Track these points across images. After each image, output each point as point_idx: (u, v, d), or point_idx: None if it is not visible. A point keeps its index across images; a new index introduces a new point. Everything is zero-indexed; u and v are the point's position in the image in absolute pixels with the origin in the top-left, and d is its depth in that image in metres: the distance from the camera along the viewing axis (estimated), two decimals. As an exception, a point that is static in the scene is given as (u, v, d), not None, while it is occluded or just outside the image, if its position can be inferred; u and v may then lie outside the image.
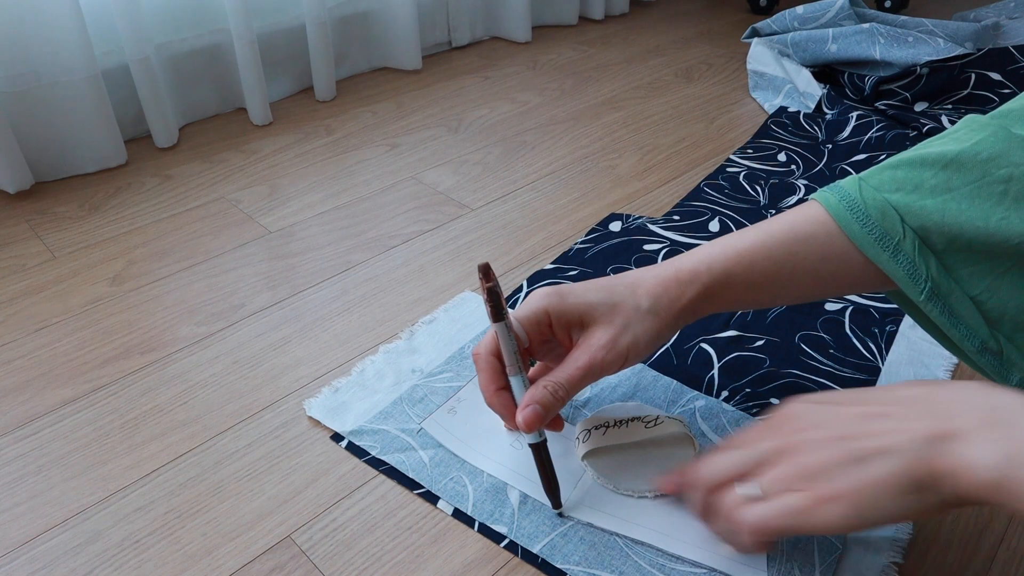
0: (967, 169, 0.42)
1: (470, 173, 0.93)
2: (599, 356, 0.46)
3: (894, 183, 0.44)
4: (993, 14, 1.25)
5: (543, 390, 0.46)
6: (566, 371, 0.46)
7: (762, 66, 1.15)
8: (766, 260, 0.47)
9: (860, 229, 0.44)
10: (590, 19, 1.50)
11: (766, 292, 0.49)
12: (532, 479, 0.51)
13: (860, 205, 0.45)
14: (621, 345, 0.46)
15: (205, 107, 1.07)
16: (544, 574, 0.46)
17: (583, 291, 0.48)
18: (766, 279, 0.48)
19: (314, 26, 1.08)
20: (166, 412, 0.58)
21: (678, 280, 0.48)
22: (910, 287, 0.44)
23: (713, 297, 0.48)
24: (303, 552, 0.47)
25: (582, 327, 0.47)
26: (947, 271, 0.43)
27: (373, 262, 0.76)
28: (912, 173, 0.44)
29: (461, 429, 0.55)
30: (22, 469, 0.53)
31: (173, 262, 0.76)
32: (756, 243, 0.48)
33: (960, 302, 0.43)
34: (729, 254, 0.48)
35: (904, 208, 0.43)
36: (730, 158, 0.95)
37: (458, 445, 0.54)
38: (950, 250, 0.43)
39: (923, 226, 0.43)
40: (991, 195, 0.41)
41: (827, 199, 0.46)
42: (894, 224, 0.44)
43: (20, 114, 0.86)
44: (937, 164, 0.43)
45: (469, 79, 1.21)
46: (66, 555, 0.47)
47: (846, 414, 0.40)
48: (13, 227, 0.82)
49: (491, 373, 0.48)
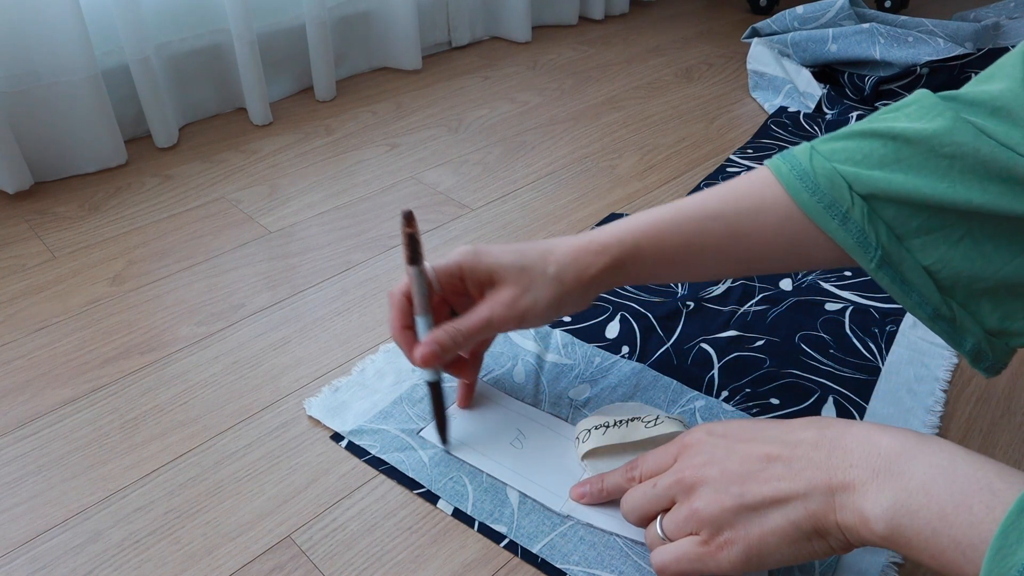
0: (913, 144, 0.42)
1: (470, 173, 0.93)
2: (497, 312, 0.49)
3: (844, 153, 0.45)
4: (993, 14, 1.25)
5: (443, 332, 0.49)
6: (467, 320, 0.49)
7: (762, 66, 1.15)
8: (676, 235, 0.49)
9: (809, 198, 0.45)
10: (590, 19, 1.50)
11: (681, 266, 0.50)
12: (532, 479, 0.51)
13: (810, 173, 0.45)
14: (520, 305, 0.49)
15: (205, 107, 1.07)
16: (544, 574, 0.46)
17: (498, 252, 0.50)
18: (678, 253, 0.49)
19: (314, 26, 1.08)
20: (166, 412, 0.58)
21: (588, 250, 0.49)
22: (860, 255, 0.44)
23: (624, 268, 0.50)
24: (303, 552, 0.47)
25: (491, 285, 0.50)
26: (899, 240, 0.43)
27: (373, 262, 0.76)
28: (862, 144, 0.44)
29: (460, 432, 0.55)
30: (22, 469, 0.53)
31: (173, 262, 0.76)
32: (669, 217, 0.49)
33: (912, 270, 0.43)
34: (643, 227, 0.49)
35: (852, 177, 0.44)
36: (730, 158, 0.95)
37: (459, 448, 0.54)
38: (899, 218, 0.43)
39: (872, 194, 0.43)
40: (937, 168, 0.41)
41: (778, 167, 0.47)
42: (842, 193, 0.44)
43: (20, 114, 0.86)
44: (886, 136, 0.43)
45: (469, 79, 1.21)
46: (66, 555, 0.47)
47: (744, 453, 0.40)
48: (13, 227, 0.82)
49: (400, 311, 0.51)
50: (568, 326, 0.66)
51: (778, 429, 0.41)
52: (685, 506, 0.41)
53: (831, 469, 0.37)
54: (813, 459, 0.38)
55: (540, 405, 0.57)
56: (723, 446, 0.41)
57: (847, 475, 0.36)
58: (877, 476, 0.35)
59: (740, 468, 0.39)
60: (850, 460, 0.36)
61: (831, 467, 0.37)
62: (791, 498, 0.37)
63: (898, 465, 0.35)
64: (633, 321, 0.66)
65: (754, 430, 0.41)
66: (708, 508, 0.39)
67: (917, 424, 0.56)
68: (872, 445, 0.36)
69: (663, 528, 0.42)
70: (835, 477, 0.36)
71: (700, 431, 0.43)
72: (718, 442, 0.42)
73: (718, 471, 0.40)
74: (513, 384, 0.59)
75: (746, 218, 0.47)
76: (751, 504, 0.38)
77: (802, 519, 0.37)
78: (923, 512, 0.33)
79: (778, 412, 0.57)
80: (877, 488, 0.35)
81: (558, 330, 0.65)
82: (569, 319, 0.66)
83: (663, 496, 0.42)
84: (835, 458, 0.37)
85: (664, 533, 0.42)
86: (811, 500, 0.37)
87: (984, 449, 0.55)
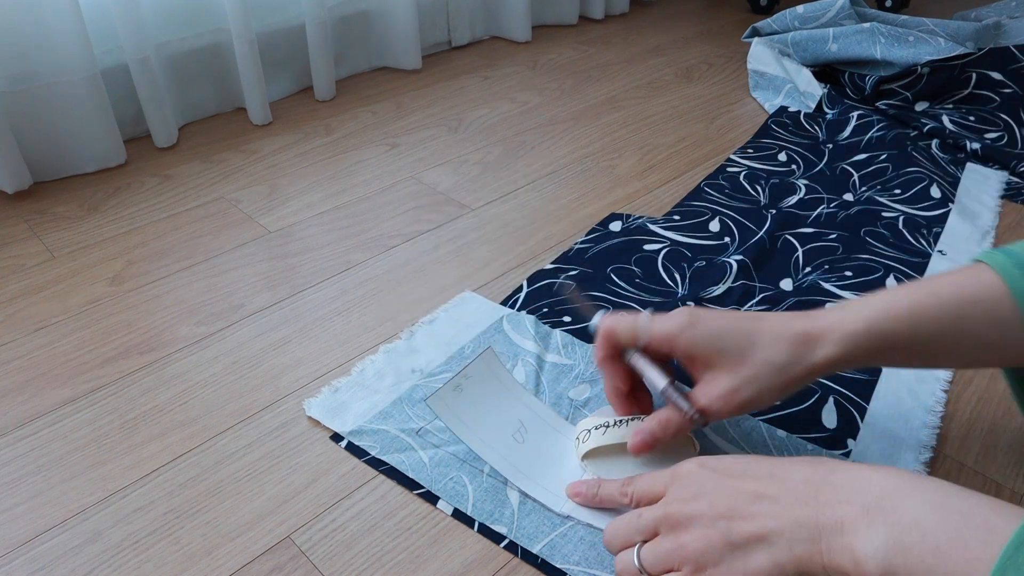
0: None
1: (470, 173, 0.93)
2: (714, 405, 0.46)
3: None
4: (994, 13, 1.25)
5: (657, 425, 0.48)
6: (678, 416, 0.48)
7: (762, 66, 1.15)
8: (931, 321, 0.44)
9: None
10: (590, 19, 1.50)
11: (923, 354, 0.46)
12: (532, 477, 0.51)
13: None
14: (738, 399, 0.46)
15: (205, 107, 1.07)
16: (544, 574, 0.46)
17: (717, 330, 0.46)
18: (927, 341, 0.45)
19: (314, 26, 1.08)
20: (166, 412, 0.58)
21: (822, 338, 0.45)
22: None
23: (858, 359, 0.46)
24: (303, 552, 0.47)
25: (708, 366, 0.47)
26: None
27: (373, 262, 0.76)
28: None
29: (467, 412, 0.54)
30: (22, 469, 0.53)
31: (172, 262, 0.76)
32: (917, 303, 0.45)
33: None
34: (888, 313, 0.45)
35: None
36: (730, 158, 0.95)
37: (462, 429, 0.53)
38: None
39: None
40: None
41: (996, 260, 0.44)
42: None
43: (19, 114, 0.86)
44: None
45: (469, 79, 1.21)
46: (66, 555, 0.47)
47: (732, 489, 0.39)
48: (12, 227, 0.82)
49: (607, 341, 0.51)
50: (568, 326, 0.65)
51: (770, 465, 0.40)
52: (670, 539, 0.40)
53: (820, 506, 0.36)
54: (802, 496, 0.37)
55: (540, 405, 0.57)
56: (713, 481, 0.40)
57: (836, 512, 0.35)
58: (868, 514, 0.34)
59: (728, 504, 0.39)
60: (840, 497, 0.36)
61: (820, 504, 0.36)
62: (777, 536, 0.36)
63: (889, 502, 0.34)
64: (633, 321, 0.66)
65: (746, 465, 0.41)
66: (694, 543, 0.38)
67: (918, 424, 0.56)
68: (863, 482, 0.36)
69: (640, 558, 0.41)
70: (823, 515, 0.36)
71: (693, 463, 0.43)
72: (709, 476, 0.41)
73: (706, 505, 0.39)
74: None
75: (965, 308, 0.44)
76: (737, 541, 0.37)
77: (785, 561, 0.36)
78: (917, 549, 0.32)
79: (778, 412, 0.57)
80: (867, 526, 0.34)
81: (558, 330, 0.65)
82: (569, 319, 0.66)
83: (647, 528, 0.42)
84: (824, 495, 0.36)
85: (641, 563, 0.41)
86: (797, 541, 0.36)
87: (984, 449, 0.55)
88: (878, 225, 0.80)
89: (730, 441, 0.54)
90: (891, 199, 0.84)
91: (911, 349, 0.45)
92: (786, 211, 0.82)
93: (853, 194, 0.86)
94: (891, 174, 0.89)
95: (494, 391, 0.56)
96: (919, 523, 0.33)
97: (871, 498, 0.35)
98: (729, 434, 0.55)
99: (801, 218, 0.81)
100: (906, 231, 0.79)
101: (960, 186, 0.87)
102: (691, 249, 0.76)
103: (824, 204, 0.84)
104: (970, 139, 0.95)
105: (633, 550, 0.41)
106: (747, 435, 0.55)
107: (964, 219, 0.81)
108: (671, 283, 0.71)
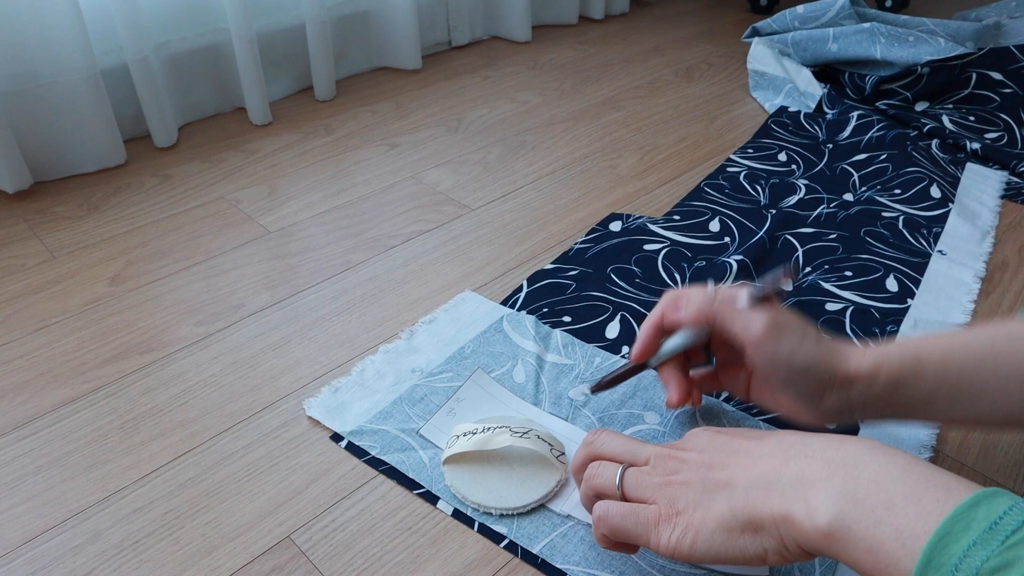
0: None
1: (470, 173, 0.93)
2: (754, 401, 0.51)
3: None
4: (994, 13, 1.25)
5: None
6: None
7: (762, 66, 1.15)
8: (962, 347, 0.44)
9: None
10: (590, 19, 1.50)
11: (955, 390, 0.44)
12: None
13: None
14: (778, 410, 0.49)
15: (204, 107, 1.07)
16: (544, 574, 0.46)
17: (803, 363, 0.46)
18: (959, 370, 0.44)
19: (314, 26, 1.08)
20: (165, 412, 0.58)
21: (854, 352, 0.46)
22: None
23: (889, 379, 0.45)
24: (303, 552, 0.47)
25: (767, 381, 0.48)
26: None
27: (373, 262, 0.76)
28: None
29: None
30: (21, 469, 0.53)
31: (172, 262, 0.76)
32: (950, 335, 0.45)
33: None
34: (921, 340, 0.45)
35: None
36: (730, 158, 0.95)
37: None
38: None
39: None
40: None
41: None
42: None
43: (19, 114, 0.86)
44: None
45: (469, 79, 1.21)
46: (65, 555, 0.47)
47: (723, 443, 0.41)
48: (12, 227, 0.82)
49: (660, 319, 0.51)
50: (568, 326, 0.65)
51: (765, 431, 0.41)
52: (658, 474, 0.41)
53: (788, 459, 0.37)
54: (775, 451, 0.38)
55: (540, 405, 0.57)
56: (709, 436, 0.42)
57: (799, 465, 0.36)
58: (829, 466, 0.35)
59: (713, 455, 0.40)
60: (807, 451, 0.36)
61: (788, 457, 0.37)
62: (739, 484, 0.37)
63: (853, 459, 0.35)
64: (633, 321, 0.66)
65: (751, 431, 0.42)
66: (677, 483, 0.40)
67: (917, 424, 0.56)
68: (835, 442, 0.36)
69: (623, 478, 0.42)
70: (787, 467, 0.36)
71: (702, 430, 0.44)
72: (711, 435, 0.43)
73: (697, 453, 0.41)
74: (513, 384, 0.59)
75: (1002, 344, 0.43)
76: (709, 486, 0.39)
77: (739, 505, 0.37)
78: (870, 501, 0.32)
79: (777, 413, 0.57)
80: (827, 478, 0.34)
81: (558, 330, 0.65)
82: (569, 319, 0.66)
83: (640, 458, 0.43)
84: (794, 450, 0.37)
85: (622, 482, 0.42)
86: (753, 488, 0.37)
87: (984, 448, 0.55)
88: (878, 225, 0.80)
89: (730, 441, 0.54)
90: (891, 199, 0.84)
91: (944, 379, 0.44)
92: (786, 211, 0.82)
93: (853, 194, 0.86)
94: (891, 174, 0.89)
95: (490, 409, 0.56)
96: (878, 478, 0.33)
97: (837, 455, 0.35)
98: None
99: (801, 218, 0.81)
100: (906, 231, 0.79)
101: (960, 186, 0.87)
102: (691, 249, 0.76)
103: (824, 204, 0.84)
104: (970, 139, 0.95)
105: (618, 467, 0.43)
106: (747, 435, 0.55)
107: (964, 219, 0.81)
108: (671, 283, 0.71)
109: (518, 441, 0.50)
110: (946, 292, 0.71)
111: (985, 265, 0.75)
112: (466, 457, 0.51)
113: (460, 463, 0.51)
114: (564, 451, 0.52)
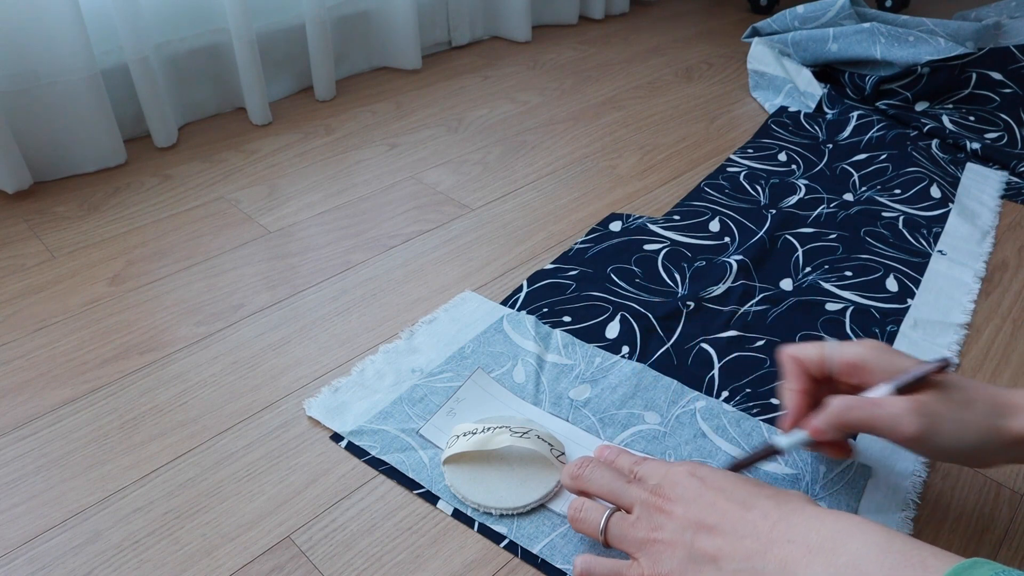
0: None
1: (470, 173, 0.93)
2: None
3: None
4: (994, 13, 1.25)
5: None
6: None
7: (762, 66, 1.15)
8: None
9: None
10: (590, 19, 1.50)
11: None
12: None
13: None
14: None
15: (204, 107, 1.07)
16: (544, 574, 0.46)
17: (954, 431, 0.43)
18: None
19: (314, 26, 1.07)
20: (165, 412, 0.58)
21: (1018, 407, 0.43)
22: None
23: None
24: (303, 552, 0.47)
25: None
26: None
27: (373, 262, 0.76)
28: None
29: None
30: (21, 469, 0.53)
31: (172, 262, 0.76)
32: None
33: None
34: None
35: None
36: (730, 158, 0.95)
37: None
38: None
39: None
40: None
41: None
42: None
43: (19, 114, 0.86)
44: None
45: (469, 79, 1.21)
46: (65, 555, 0.47)
47: (709, 502, 0.41)
48: (12, 227, 0.82)
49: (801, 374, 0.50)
50: (568, 326, 0.65)
51: (746, 492, 0.41)
52: (643, 527, 0.41)
53: (770, 542, 0.37)
54: (759, 528, 0.38)
55: (540, 405, 0.57)
56: (696, 489, 0.42)
57: (783, 550, 0.37)
58: (810, 552, 0.36)
59: (700, 516, 0.40)
60: (790, 535, 0.37)
61: (771, 540, 0.37)
62: (727, 561, 0.38)
63: (832, 543, 0.35)
64: (633, 321, 0.66)
65: (729, 483, 0.42)
66: (661, 544, 0.40)
67: None
68: (816, 522, 0.37)
69: (607, 524, 0.43)
70: (771, 551, 0.37)
71: (684, 468, 0.43)
72: (696, 485, 0.42)
73: (683, 510, 0.41)
74: (513, 384, 0.59)
75: None
76: (695, 555, 0.39)
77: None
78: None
79: (778, 413, 0.57)
80: (807, 564, 0.35)
81: (558, 330, 0.65)
82: (569, 319, 0.66)
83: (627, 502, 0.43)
84: (777, 531, 0.38)
85: (607, 529, 0.43)
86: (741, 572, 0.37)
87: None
88: (878, 225, 0.80)
89: (730, 441, 0.54)
90: (891, 199, 0.84)
91: None
92: (786, 211, 0.82)
93: (853, 194, 0.86)
94: (891, 174, 0.89)
95: (491, 408, 0.57)
96: (857, 562, 0.34)
97: (818, 538, 0.36)
98: (729, 434, 0.55)
99: (801, 218, 0.81)
100: (906, 231, 0.79)
101: (960, 186, 0.87)
102: (691, 249, 0.76)
103: (824, 204, 0.84)
104: (970, 139, 0.95)
105: (603, 512, 0.43)
106: (747, 435, 0.55)
107: (964, 219, 0.81)
108: (671, 283, 0.71)
109: (518, 441, 0.50)
110: (946, 292, 0.71)
111: (985, 265, 0.75)
112: (466, 457, 0.51)
113: (460, 463, 0.51)
114: (564, 451, 0.52)
